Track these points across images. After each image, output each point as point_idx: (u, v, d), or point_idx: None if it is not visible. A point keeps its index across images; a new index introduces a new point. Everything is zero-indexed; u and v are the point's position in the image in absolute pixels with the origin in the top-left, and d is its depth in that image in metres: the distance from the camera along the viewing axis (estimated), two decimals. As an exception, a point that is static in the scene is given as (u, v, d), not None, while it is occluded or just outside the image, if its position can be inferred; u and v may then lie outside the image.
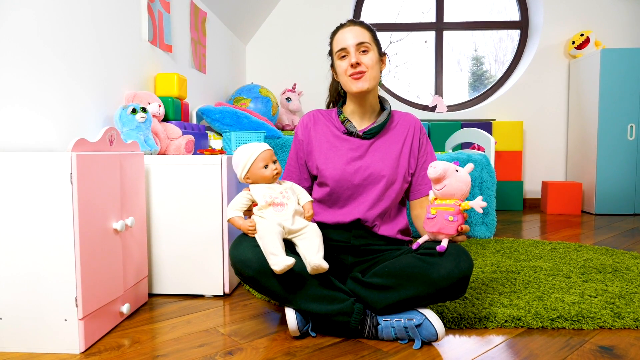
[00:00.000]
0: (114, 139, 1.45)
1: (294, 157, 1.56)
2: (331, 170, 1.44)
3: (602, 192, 3.80)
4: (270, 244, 1.22)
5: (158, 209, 1.70)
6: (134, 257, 1.54)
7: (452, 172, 1.22)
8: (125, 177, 1.47)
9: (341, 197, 1.46)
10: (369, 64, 1.40)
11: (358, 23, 1.45)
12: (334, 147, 1.48)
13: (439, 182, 1.23)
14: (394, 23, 4.62)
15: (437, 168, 1.21)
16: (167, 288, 1.72)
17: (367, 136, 1.46)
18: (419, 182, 1.51)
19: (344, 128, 1.48)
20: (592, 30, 4.13)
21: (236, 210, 1.33)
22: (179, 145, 2.17)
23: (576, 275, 1.85)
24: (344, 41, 1.42)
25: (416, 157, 1.50)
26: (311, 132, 1.52)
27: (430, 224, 1.24)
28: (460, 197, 1.23)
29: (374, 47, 1.43)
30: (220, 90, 3.61)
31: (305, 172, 1.55)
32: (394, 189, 1.45)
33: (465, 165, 1.25)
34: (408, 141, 1.49)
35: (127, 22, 2.11)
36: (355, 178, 1.44)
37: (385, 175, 1.43)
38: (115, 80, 2.01)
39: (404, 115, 1.54)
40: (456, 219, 1.21)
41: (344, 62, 1.43)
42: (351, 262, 1.48)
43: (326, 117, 1.54)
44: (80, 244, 1.21)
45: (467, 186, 1.23)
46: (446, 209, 1.22)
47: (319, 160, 1.48)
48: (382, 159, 1.45)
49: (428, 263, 1.24)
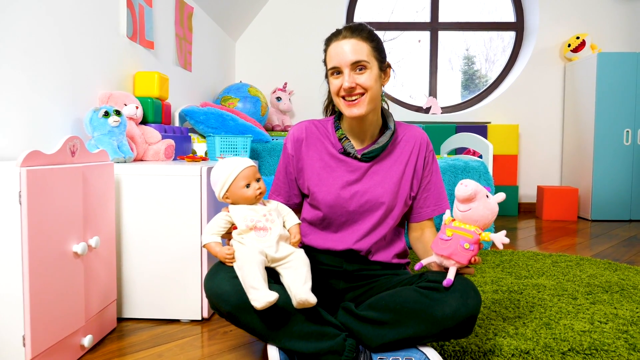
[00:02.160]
0: (77, 149, 1.29)
1: (283, 171, 1.38)
2: (324, 194, 1.28)
3: (598, 198, 3.71)
4: (250, 276, 1.06)
5: (130, 225, 1.54)
6: (99, 281, 1.38)
7: (482, 196, 1.08)
8: (89, 192, 1.31)
9: (334, 223, 1.31)
10: (366, 85, 1.19)
11: (357, 33, 1.20)
12: (328, 168, 1.31)
13: (465, 203, 1.09)
14: (389, 22, 4.47)
15: (468, 187, 1.07)
16: (138, 312, 1.56)
17: (366, 158, 1.29)
18: (421, 204, 1.35)
19: (340, 146, 1.30)
20: (588, 33, 4.03)
21: (213, 235, 1.18)
22: (157, 150, 2.01)
23: (582, 296, 1.73)
24: (338, 58, 1.20)
25: (420, 178, 1.33)
26: (303, 147, 1.34)
27: (442, 246, 1.11)
28: (481, 226, 1.09)
29: (373, 63, 1.21)
30: (207, 90, 3.44)
31: (295, 188, 1.38)
32: (393, 215, 1.30)
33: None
34: (412, 160, 1.31)
35: (103, 16, 1.94)
36: (351, 204, 1.28)
37: (385, 202, 1.27)
38: (87, 79, 1.84)
39: (409, 130, 1.35)
40: (472, 248, 1.07)
41: (337, 80, 1.22)
42: (343, 288, 1.34)
43: (321, 130, 1.34)
44: (29, 272, 1.05)
45: (493, 216, 1.09)
46: (464, 234, 1.08)
47: (311, 181, 1.32)
48: (381, 183, 1.28)
49: (431, 299, 1.09)
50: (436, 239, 1.15)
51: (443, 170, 2.55)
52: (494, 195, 1.12)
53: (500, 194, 1.12)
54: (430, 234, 1.36)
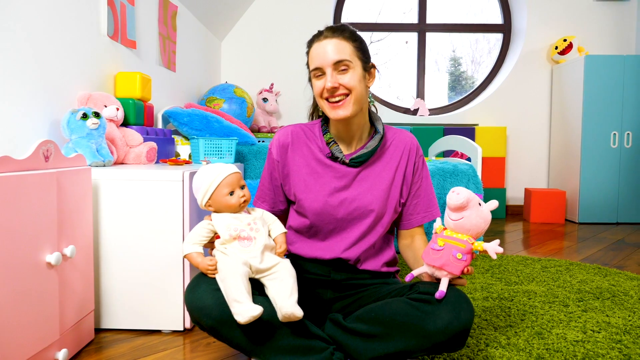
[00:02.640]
0: (51, 154, 1.22)
1: (268, 177, 1.32)
2: (311, 202, 1.23)
3: (586, 201, 3.72)
4: (233, 289, 1.01)
5: (108, 232, 1.48)
6: (75, 292, 1.31)
7: (474, 204, 1.05)
8: (64, 199, 1.24)
9: (322, 231, 1.26)
10: (350, 85, 1.15)
11: (338, 33, 1.16)
12: (315, 174, 1.26)
13: (457, 212, 1.05)
14: (376, 23, 4.44)
15: (460, 195, 1.03)
16: (118, 322, 1.49)
17: (354, 164, 1.24)
18: (411, 211, 1.31)
19: (328, 150, 1.25)
20: (575, 35, 4.04)
21: (194, 245, 1.12)
22: (139, 153, 1.94)
23: (574, 303, 1.70)
24: (319, 59, 1.16)
25: (409, 184, 1.29)
26: (289, 152, 1.28)
27: (433, 257, 1.07)
28: (474, 235, 1.06)
29: (356, 63, 1.17)
30: (192, 90, 3.37)
31: (280, 194, 1.32)
32: (383, 223, 1.25)
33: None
34: (402, 166, 1.27)
35: (83, 14, 1.86)
36: (339, 212, 1.23)
37: (374, 209, 1.22)
38: (65, 80, 1.76)
39: (398, 134, 1.30)
40: (464, 258, 1.03)
41: (319, 82, 1.18)
42: (330, 298, 1.29)
43: (308, 134, 1.29)
44: (-3, 287, 0.98)
45: (485, 224, 1.06)
46: (456, 244, 1.04)
47: (297, 188, 1.26)
48: (370, 190, 1.24)
49: (423, 312, 1.05)
50: (427, 248, 1.10)
51: (432, 174, 2.52)
52: (487, 203, 1.08)
53: (493, 201, 1.08)
54: (421, 242, 1.32)
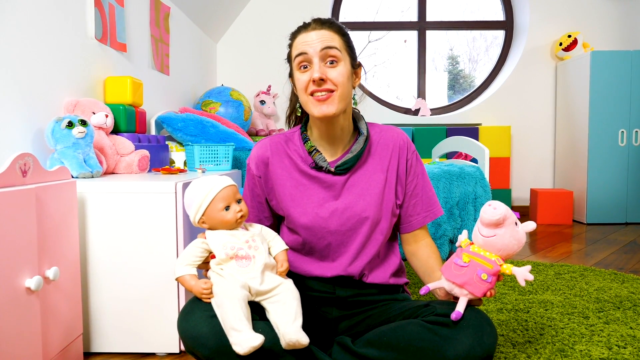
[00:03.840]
0: (29, 168, 1.12)
1: (249, 194, 1.23)
2: (299, 216, 1.14)
3: (594, 201, 3.62)
4: (230, 316, 0.91)
5: (97, 249, 1.38)
6: (61, 316, 1.21)
7: (511, 222, 0.95)
8: (46, 216, 1.14)
9: (316, 248, 1.17)
10: (338, 81, 1.06)
11: (326, 24, 1.09)
12: (301, 186, 1.16)
13: (490, 228, 0.95)
14: (375, 22, 4.34)
15: (497, 210, 0.93)
16: (109, 345, 1.39)
17: (341, 171, 1.15)
18: (410, 212, 1.21)
19: (311, 160, 1.15)
20: (579, 31, 3.95)
21: (187, 266, 1.02)
22: (130, 162, 1.84)
23: (594, 314, 1.60)
24: (306, 45, 1.06)
25: (404, 183, 1.19)
26: (269, 167, 1.18)
27: (456, 272, 0.97)
28: (504, 256, 0.96)
29: (345, 57, 1.09)
30: (187, 94, 3.27)
31: (265, 210, 1.23)
32: (381, 229, 1.16)
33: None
34: (393, 166, 1.18)
35: (68, 16, 1.76)
36: (331, 224, 1.13)
37: (369, 216, 1.13)
38: (50, 86, 1.66)
39: (385, 132, 1.21)
40: (489, 280, 0.94)
41: (304, 75, 1.07)
42: (336, 316, 1.19)
43: (287, 144, 1.20)
44: (-33, 321, 0.88)
45: (518, 247, 0.96)
46: (483, 262, 0.94)
47: (284, 203, 1.17)
48: (362, 196, 1.14)
49: (441, 336, 0.95)
50: (449, 262, 1.01)
51: (437, 177, 2.42)
52: (523, 223, 0.98)
53: (530, 222, 0.97)
54: (427, 250, 1.22)
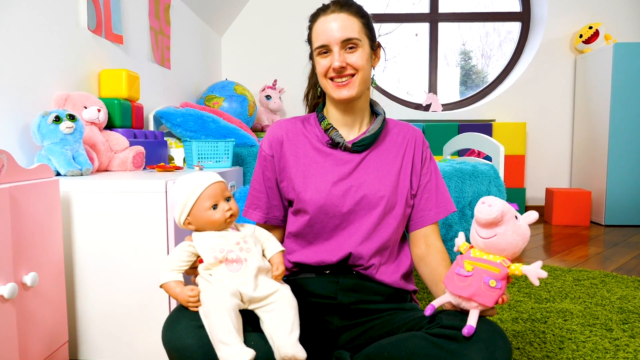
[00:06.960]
0: (3, 166, 1.03)
1: (260, 178, 1.18)
2: (312, 193, 1.08)
3: (613, 201, 3.46)
4: (218, 327, 0.82)
5: (83, 252, 1.29)
6: (42, 324, 1.12)
7: (510, 217, 0.83)
8: (23, 218, 1.06)
9: (325, 229, 1.10)
10: (358, 65, 1.07)
11: (346, 8, 1.08)
12: (315, 163, 1.12)
13: (489, 228, 0.84)
14: (385, 14, 4.21)
15: (493, 207, 0.82)
16: (97, 353, 1.31)
17: (358, 148, 1.12)
18: (422, 206, 1.15)
19: (327, 137, 1.13)
20: (601, 22, 3.77)
21: (172, 272, 0.92)
22: (124, 159, 1.75)
23: (618, 327, 1.48)
24: (326, 36, 1.07)
25: (418, 175, 1.15)
26: (284, 144, 1.15)
27: (460, 284, 0.86)
28: (509, 256, 0.85)
29: (365, 41, 1.09)
30: (189, 89, 3.18)
31: (276, 197, 1.17)
32: (395, 215, 1.10)
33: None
34: (409, 155, 1.15)
35: (58, 5, 1.68)
36: (345, 203, 1.08)
37: (385, 195, 1.08)
38: (40, 79, 1.58)
39: (400, 124, 1.21)
40: (499, 285, 0.82)
41: (324, 60, 1.08)
42: (337, 327, 1.09)
43: (304, 124, 1.18)
44: None
45: (524, 242, 0.84)
46: (488, 267, 0.83)
47: (296, 180, 1.11)
48: (377, 176, 1.11)
49: (448, 351, 0.85)
50: (450, 273, 0.89)
51: (449, 175, 2.30)
52: (523, 215, 0.86)
53: (531, 212, 0.85)
54: (437, 256, 1.11)
